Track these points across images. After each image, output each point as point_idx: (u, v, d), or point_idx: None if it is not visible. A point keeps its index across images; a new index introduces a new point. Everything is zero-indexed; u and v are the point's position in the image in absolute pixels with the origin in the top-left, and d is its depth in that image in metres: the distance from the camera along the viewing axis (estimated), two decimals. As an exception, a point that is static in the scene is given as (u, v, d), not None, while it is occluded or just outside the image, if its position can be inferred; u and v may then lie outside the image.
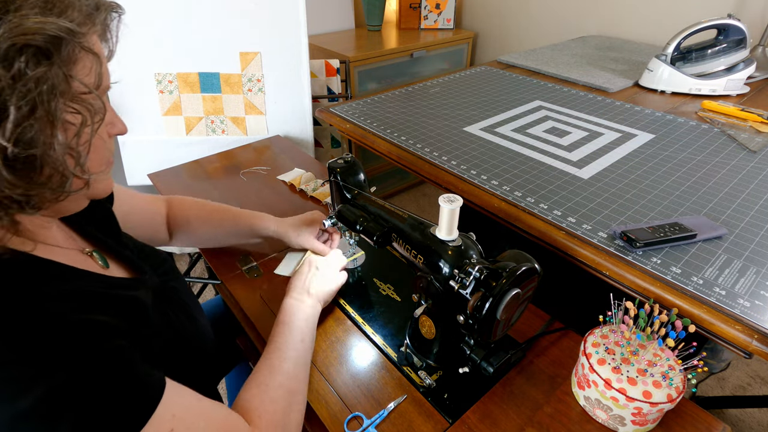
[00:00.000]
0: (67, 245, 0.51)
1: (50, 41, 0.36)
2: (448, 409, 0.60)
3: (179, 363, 0.57)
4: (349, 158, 0.76)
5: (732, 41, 1.27)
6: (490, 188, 0.83)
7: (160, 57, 1.35)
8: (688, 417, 0.58)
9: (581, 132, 1.05)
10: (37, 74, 0.35)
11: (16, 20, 0.34)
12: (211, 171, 1.19)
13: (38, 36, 0.35)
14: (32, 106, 0.35)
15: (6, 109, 0.34)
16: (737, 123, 1.08)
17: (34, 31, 0.35)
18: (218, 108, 1.42)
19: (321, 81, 1.71)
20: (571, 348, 0.69)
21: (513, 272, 0.53)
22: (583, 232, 0.72)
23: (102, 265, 0.54)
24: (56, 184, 0.40)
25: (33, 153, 0.37)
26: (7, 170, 0.36)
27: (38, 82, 0.36)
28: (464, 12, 2.42)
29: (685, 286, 0.61)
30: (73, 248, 0.52)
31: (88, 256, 0.53)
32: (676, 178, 0.86)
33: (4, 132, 0.34)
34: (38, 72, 0.35)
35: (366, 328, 0.73)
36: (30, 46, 0.35)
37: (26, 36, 0.35)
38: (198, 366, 0.61)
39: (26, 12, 0.35)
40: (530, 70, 1.47)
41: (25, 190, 0.38)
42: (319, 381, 0.64)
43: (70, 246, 0.52)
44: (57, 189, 0.40)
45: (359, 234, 0.71)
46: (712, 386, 1.49)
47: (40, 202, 0.40)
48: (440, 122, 1.10)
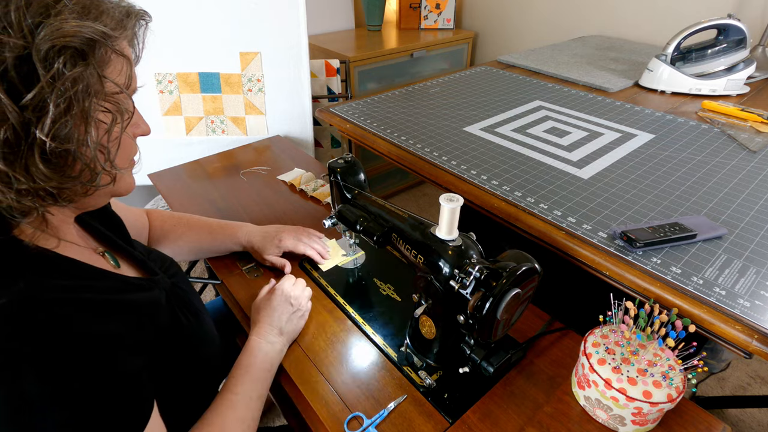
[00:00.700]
0: (82, 244, 0.53)
1: (86, 43, 0.39)
2: (448, 409, 0.60)
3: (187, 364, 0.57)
4: (349, 158, 0.76)
5: (732, 41, 1.27)
6: (490, 188, 0.83)
7: (160, 57, 1.35)
8: (688, 417, 0.58)
9: (581, 132, 1.05)
10: (74, 74, 0.38)
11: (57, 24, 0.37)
12: (211, 171, 1.20)
13: (76, 39, 0.38)
14: (68, 104, 0.38)
15: (45, 107, 0.37)
16: (737, 123, 1.08)
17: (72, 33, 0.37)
18: (218, 108, 1.42)
19: (321, 81, 1.71)
20: (571, 348, 0.69)
21: (513, 272, 0.53)
22: (583, 232, 0.72)
23: (114, 265, 0.56)
24: (87, 179, 0.42)
25: (68, 148, 0.39)
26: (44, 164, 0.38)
27: (75, 81, 0.38)
28: (464, 12, 2.41)
29: (685, 286, 0.61)
30: (87, 247, 0.54)
31: (100, 255, 0.55)
32: (676, 178, 0.86)
33: (43, 127, 0.37)
34: (75, 72, 0.38)
35: (366, 328, 0.73)
36: (68, 48, 0.37)
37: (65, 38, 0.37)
38: (205, 367, 0.62)
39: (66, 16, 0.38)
40: (530, 70, 1.47)
41: (59, 183, 0.40)
42: (319, 381, 0.64)
43: (84, 245, 0.53)
44: (87, 183, 0.43)
45: (359, 234, 0.71)
46: (712, 386, 1.49)
47: (71, 195, 0.43)
48: (440, 122, 1.10)
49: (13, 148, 0.36)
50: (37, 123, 0.37)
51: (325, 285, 0.81)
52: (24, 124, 0.36)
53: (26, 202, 0.39)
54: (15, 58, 0.35)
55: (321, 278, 0.83)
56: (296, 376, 0.65)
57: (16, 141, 0.36)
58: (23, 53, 0.36)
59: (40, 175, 0.38)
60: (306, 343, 0.70)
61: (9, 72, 0.35)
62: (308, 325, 0.73)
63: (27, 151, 0.37)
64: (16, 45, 0.35)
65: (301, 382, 0.64)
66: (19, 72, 0.36)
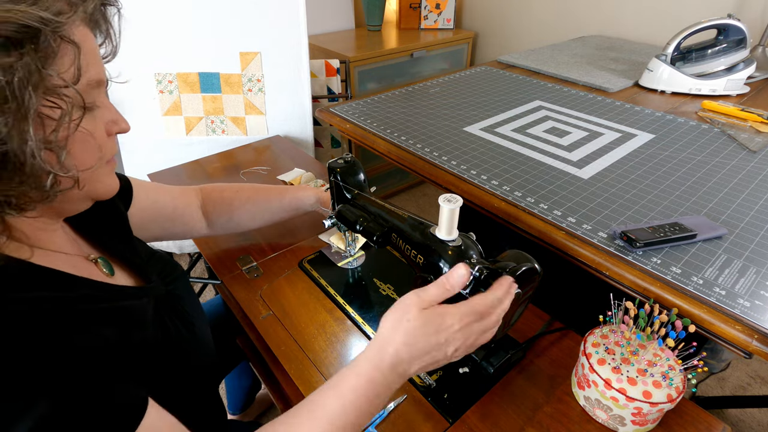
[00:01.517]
0: (71, 251, 0.50)
1: (19, 31, 0.34)
2: (448, 409, 0.60)
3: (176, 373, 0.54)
4: (349, 158, 0.76)
5: (732, 41, 1.27)
6: (490, 188, 0.83)
7: (160, 57, 1.35)
8: (688, 417, 0.58)
9: (581, 132, 1.05)
10: (5, 65, 0.34)
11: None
12: (211, 171, 1.20)
13: (7, 25, 0.34)
14: (2, 98, 0.34)
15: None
16: (737, 123, 1.08)
17: (2, 20, 0.34)
18: (218, 108, 1.42)
19: (321, 81, 1.71)
20: (571, 348, 0.69)
21: (513, 272, 0.53)
22: (583, 232, 0.72)
23: (107, 272, 0.53)
24: (38, 183, 0.38)
25: (5, 149, 0.35)
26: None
27: (5, 73, 0.34)
28: (464, 12, 2.41)
29: (685, 286, 0.61)
30: (77, 254, 0.50)
31: (92, 263, 0.52)
32: (676, 178, 0.86)
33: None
34: (5, 62, 0.34)
35: (366, 328, 0.73)
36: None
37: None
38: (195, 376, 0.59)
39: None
40: (530, 70, 1.47)
41: (6, 189, 0.36)
42: (319, 381, 0.64)
43: (74, 252, 0.50)
44: (41, 188, 0.38)
45: (359, 234, 0.71)
46: (712, 386, 1.49)
47: (24, 203, 0.39)
48: (440, 122, 1.10)
49: None
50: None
51: (325, 285, 0.81)
52: None
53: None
54: None
55: (321, 278, 0.83)
56: (296, 376, 0.65)
57: None
58: None
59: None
60: (306, 343, 0.70)
61: None
62: (308, 325, 0.73)
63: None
64: None
65: (301, 382, 0.64)
66: None
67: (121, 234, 0.60)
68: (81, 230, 0.55)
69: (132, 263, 0.58)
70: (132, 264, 0.58)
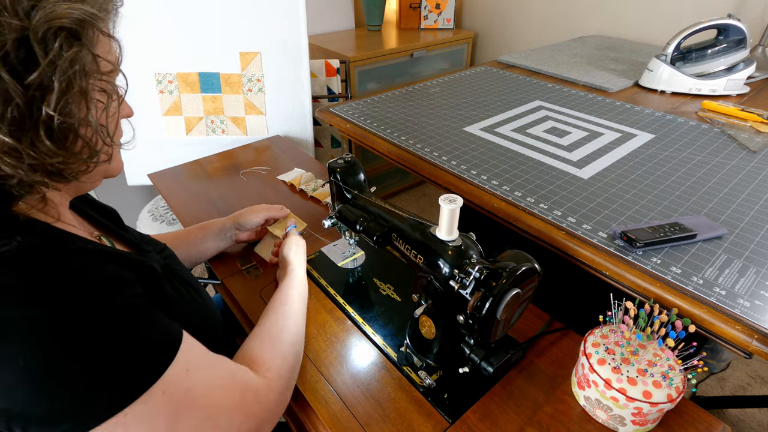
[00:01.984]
0: (79, 227, 0.54)
1: (77, 24, 0.41)
2: (448, 409, 0.60)
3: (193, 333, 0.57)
4: (349, 158, 0.76)
5: (732, 41, 1.27)
6: (490, 188, 0.83)
7: (160, 57, 1.35)
8: (688, 417, 0.58)
9: (581, 132, 1.05)
10: (71, 54, 0.40)
11: (50, 6, 0.39)
12: (211, 171, 1.20)
13: (68, 20, 0.40)
14: (69, 83, 0.40)
15: (50, 85, 0.39)
16: (737, 123, 1.08)
17: (64, 15, 0.39)
18: (218, 108, 1.42)
19: (321, 81, 1.71)
20: (571, 348, 0.69)
21: (513, 272, 0.53)
22: (583, 232, 0.72)
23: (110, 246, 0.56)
24: (87, 155, 0.45)
25: (71, 124, 0.41)
26: (49, 140, 0.40)
27: (72, 62, 0.40)
28: (464, 12, 2.41)
29: (685, 286, 0.61)
30: (84, 230, 0.54)
31: (95, 239, 0.56)
32: (676, 178, 0.86)
33: (49, 103, 0.39)
34: (71, 53, 0.40)
35: (366, 328, 0.73)
36: (63, 29, 0.40)
37: (59, 20, 0.39)
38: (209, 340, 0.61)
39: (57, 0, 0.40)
40: (530, 70, 1.47)
41: (64, 158, 0.42)
42: (319, 381, 0.64)
43: (81, 228, 0.54)
44: (88, 159, 0.45)
45: (359, 234, 0.71)
46: (712, 386, 1.49)
47: (74, 172, 0.45)
48: (440, 122, 1.10)
49: (19, 125, 0.38)
50: (42, 100, 0.39)
51: (325, 285, 0.81)
52: (28, 102, 0.38)
53: (36, 177, 0.41)
54: (14, 41, 0.37)
55: (321, 278, 0.83)
56: (296, 376, 0.65)
57: (21, 118, 0.38)
58: (21, 35, 0.37)
59: (46, 150, 0.40)
60: (306, 343, 0.70)
61: (10, 54, 0.37)
62: (308, 325, 0.73)
63: (33, 128, 0.39)
64: (13, 27, 0.37)
65: (301, 382, 0.64)
66: (19, 53, 0.37)
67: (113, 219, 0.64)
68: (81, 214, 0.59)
69: (128, 241, 0.62)
70: (128, 242, 0.62)
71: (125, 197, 1.90)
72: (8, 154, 0.38)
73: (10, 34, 0.36)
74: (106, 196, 1.83)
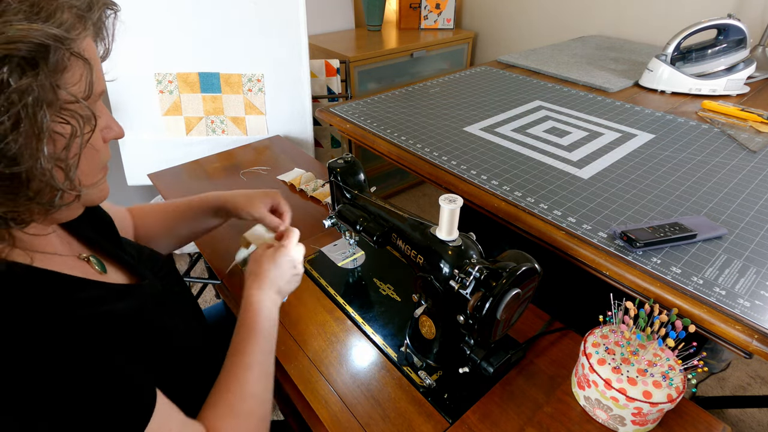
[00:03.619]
0: (64, 251, 0.50)
1: (35, 50, 0.34)
2: (448, 409, 0.60)
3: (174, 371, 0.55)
4: (349, 158, 0.76)
5: (732, 41, 1.27)
6: (490, 188, 0.83)
7: (160, 57, 1.35)
8: (688, 417, 0.58)
9: (581, 132, 1.05)
10: (22, 86, 0.33)
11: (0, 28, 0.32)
12: (211, 171, 1.20)
13: (22, 45, 0.33)
14: (16, 120, 0.33)
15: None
16: (737, 123, 1.08)
17: (17, 39, 0.32)
18: (218, 108, 1.42)
19: (321, 81, 1.71)
20: (571, 348, 0.69)
21: (513, 272, 0.53)
22: (583, 232, 0.72)
23: (99, 270, 0.53)
24: (45, 199, 0.38)
25: (17, 170, 0.35)
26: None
27: (23, 94, 0.33)
28: (464, 12, 2.41)
29: (685, 286, 0.61)
30: (70, 254, 0.51)
31: (84, 261, 0.52)
32: (676, 178, 0.86)
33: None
34: (22, 84, 0.33)
35: (366, 328, 0.73)
36: (13, 57, 0.33)
37: (9, 45, 0.32)
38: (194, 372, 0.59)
39: (9, 18, 0.33)
40: (530, 70, 1.47)
41: (12, 207, 0.36)
42: (319, 381, 0.64)
43: (66, 252, 0.50)
44: (46, 203, 0.38)
45: (359, 234, 0.71)
46: (712, 386, 1.49)
47: (28, 218, 0.39)
48: (440, 122, 1.10)
49: None
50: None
51: (325, 285, 0.81)
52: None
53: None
54: None
55: (321, 278, 0.83)
56: (296, 376, 0.65)
57: None
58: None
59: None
60: (306, 343, 0.70)
61: None
62: (308, 325, 0.73)
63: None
64: None
65: (301, 382, 0.64)
66: None
67: (108, 234, 0.60)
68: (71, 230, 0.55)
69: (123, 261, 0.58)
70: (123, 262, 0.58)
71: (125, 197, 1.90)
72: None
73: None
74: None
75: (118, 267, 0.58)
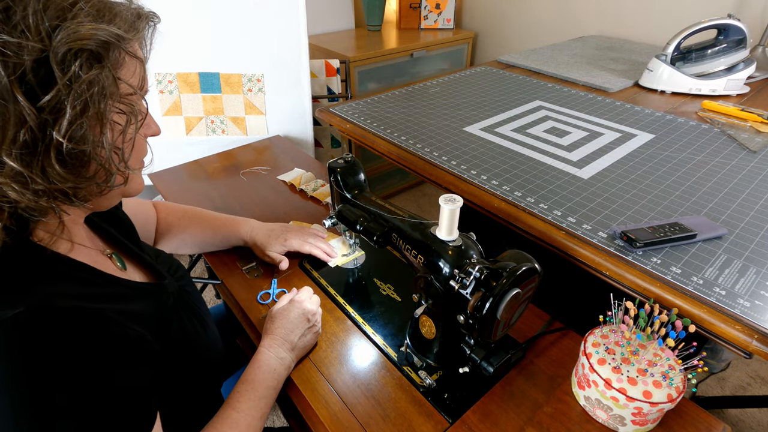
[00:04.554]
0: (90, 245, 0.53)
1: (101, 46, 0.40)
2: (448, 409, 0.60)
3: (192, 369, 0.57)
4: (349, 158, 0.76)
5: (732, 41, 1.27)
6: (490, 188, 0.83)
7: (160, 57, 1.35)
8: (688, 417, 0.58)
9: (581, 132, 1.05)
10: (90, 77, 0.39)
11: (73, 27, 0.38)
12: (211, 171, 1.20)
13: (91, 42, 0.39)
14: (84, 106, 0.39)
15: (62, 109, 0.37)
16: (737, 123, 1.08)
17: (88, 36, 0.38)
18: (218, 108, 1.42)
19: (321, 81, 1.71)
20: (571, 348, 0.69)
21: (513, 272, 0.53)
22: (583, 232, 0.72)
23: (120, 267, 0.55)
24: (101, 179, 0.43)
25: (84, 149, 0.40)
26: (60, 165, 0.39)
27: (91, 84, 0.39)
28: (464, 12, 2.41)
29: (685, 286, 0.61)
30: (95, 248, 0.54)
31: (107, 257, 0.55)
32: (676, 178, 0.86)
33: (60, 129, 0.38)
34: (91, 75, 0.39)
35: (366, 328, 0.73)
36: (84, 51, 0.38)
37: (81, 41, 0.38)
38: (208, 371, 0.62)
39: (81, 19, 0.38)
40: (530, 70, 1.47)
41: (75, 183, 0.41)
42: (319, 381, 0.64)
43: (92, 246, 0.53)
44: (102, 184, 0.44)
45: (359, 234, 0.71)
46: (712, 386, 1.49)
47: (86, 195, 0.44)
48: (440, 122, 1.10)
49: (30, 149, 0.37)
50: (54, 124, 0.37)
51: (325, 285, 0.81)
52: (41, 125, 0.37)
53: (42, 202, 0.40)
54: (33, 61, 0.36)
55: (321, 278, 0.83)
56: (296, 376, 0.65)
57: (33, 142, 0.37)
58: (41, 56, 0.36)
59: (56, 176, 0.39)
60: (306, 343, 0.70)
61: (27, 75, 0.36)
62: (308, 325, 0.73)
63: (44, 153, 0.38)
64: (34, 48, 0.36)
65: (301, 382, 0.64)
66: (37, 75, 0.36)
67: (128, 234, 0.63)
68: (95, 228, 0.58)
69: (142, 261, 0.61)
70: (142, 261, 0.61)
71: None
72: (15, 179, 0.37)
73: (30, 56, 0.36)
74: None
75: (137, 266, 0.60)
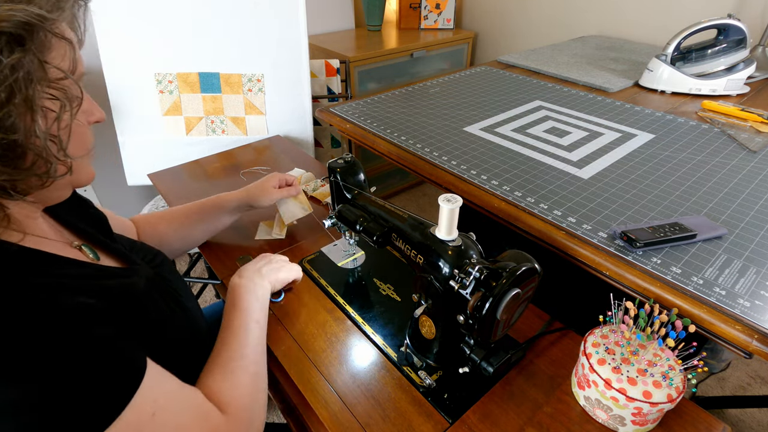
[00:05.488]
0: (55, 238, 0.52)
1: (21, 27, 0.37)
2: (448, 409, 0.60)
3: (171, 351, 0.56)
4: (349, 158, 0.76)
5: (732, 41, 1.27)
6: (490, 188, 0.83)
7: (160, 57, 1.35)
8: (688, 417, 0.58)
9: (581, 132, 1.05)
10: (12, 61, 0.36)
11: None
12: (211, 171, 1.20)
13: (9, 23, 0.36)
14: (10, 93, 0.36)
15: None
16: (737, 123, 1.08)
17: (5, 18, 0.36)
18: (218, 108, 1.42)
19: (321, 81, 1.71)
20: (571, 348, 0.69)
21: (513, 272, 0.53)
22: (583, 232, 0.72)
23: (93, 258, 0.54)
24: (41, 170, 0.41)
25: (15, 139, 0.38)
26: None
27: (14, 68, 0.36)
28: (464, 12, 2.41)
29: (685, 286, 0.61)
30: (61, 241, 0.52)
31: (77, 249, 0.54)
32: (676, 178, 0.86)
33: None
34: (12, 59, 0.36)
35: (366, 328, 0.73)
36: (3, 33, 0.36)
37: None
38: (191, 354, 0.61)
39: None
40: (530, 70, 1.47)
41: (10, 176, 0.39)
42: (319, 381, 0.64)
43: (57, 239, 0.52)
44: (42, 175, 0.41)
45: (359, 234, 0.71)
46: (712, 386, 1.49)
47: (26, 188, 0.42)
48: (440, 122, 1.10)
49: None
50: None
51: (325, 285, 0.81)
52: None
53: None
54: None
55: (321, 278, 0.83)
56: (296, 376, 0.65)
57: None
58: None
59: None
60: (306, 343, 0.70)
61: None
62: (308, 325, 0.73)
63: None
64: None
65: (301, 382, 0.64)
66: None
67: (100, 228, 0.62)
68: (63, 222, 0.57)
69: (115, 250, 0.60)
70: (115, 251, 0.60)
71: (125, 197, 1.90)
72: None
73: None
74: (107, 196, 1.83)
75: (110, 255, 0.59)
